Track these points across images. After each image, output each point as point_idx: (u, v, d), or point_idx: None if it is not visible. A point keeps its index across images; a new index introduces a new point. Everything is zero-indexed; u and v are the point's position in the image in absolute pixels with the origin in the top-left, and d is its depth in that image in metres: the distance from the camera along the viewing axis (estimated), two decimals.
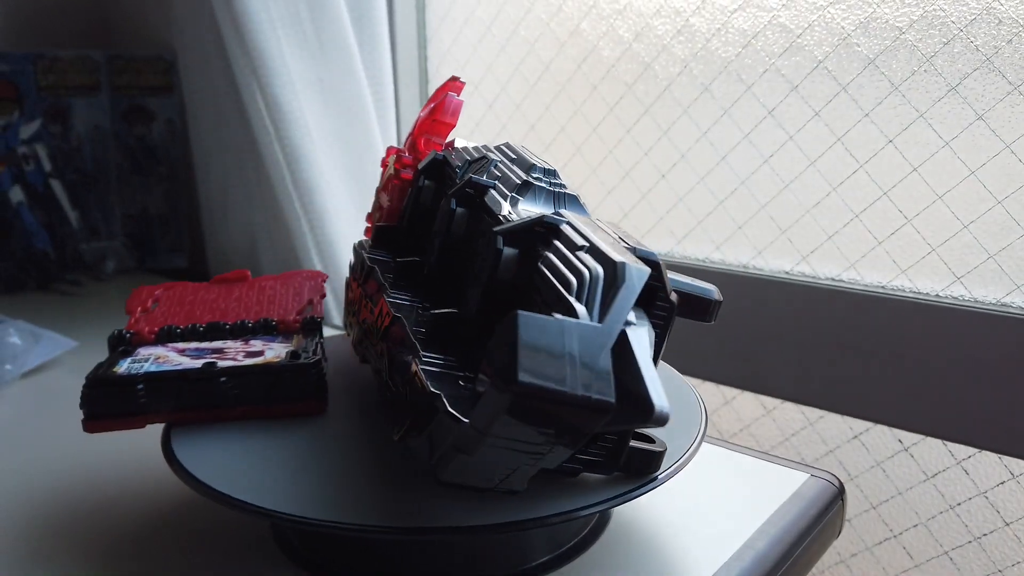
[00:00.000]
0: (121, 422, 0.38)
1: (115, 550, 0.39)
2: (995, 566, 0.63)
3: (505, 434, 0.25)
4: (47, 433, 0.52)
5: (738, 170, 0.69)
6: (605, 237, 0.31)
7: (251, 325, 0.45)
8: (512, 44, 0.82)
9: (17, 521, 0.41)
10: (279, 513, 0.32)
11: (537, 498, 0.33)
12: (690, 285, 0.34)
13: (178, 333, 0.44)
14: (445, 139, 0.49)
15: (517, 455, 0.27)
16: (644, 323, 0.30)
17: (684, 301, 0.34)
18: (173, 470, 0.35)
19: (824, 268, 0.66)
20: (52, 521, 0.41)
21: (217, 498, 0.33)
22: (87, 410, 0.37)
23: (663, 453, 0.34)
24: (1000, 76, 0.55)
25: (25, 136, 0.88)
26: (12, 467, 0.47)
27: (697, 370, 0.71)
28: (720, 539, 0.39)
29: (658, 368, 0.46)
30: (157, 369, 0.38)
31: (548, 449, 0.26)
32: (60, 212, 0.90)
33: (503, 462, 0.28)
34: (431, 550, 0.36)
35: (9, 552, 0.39)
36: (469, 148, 0.45)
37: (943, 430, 0.60)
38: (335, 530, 0.31)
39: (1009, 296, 0.58)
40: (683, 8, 0.69)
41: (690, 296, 0.34)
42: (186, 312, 0.47)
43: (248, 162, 0.80)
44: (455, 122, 0.49)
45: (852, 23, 0.61)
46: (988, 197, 0.57)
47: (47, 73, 0.88)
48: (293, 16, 0.73)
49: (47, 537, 0.40)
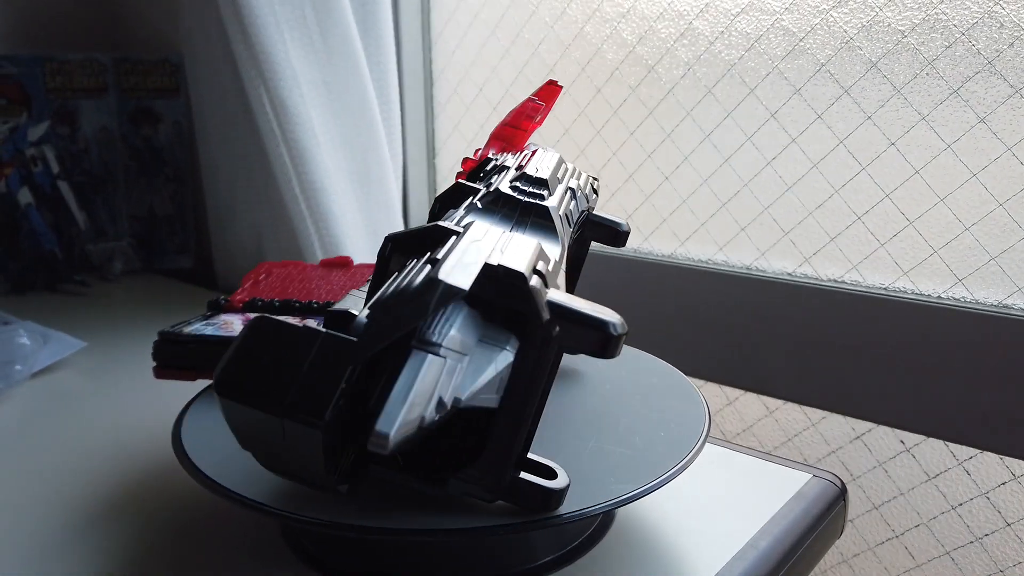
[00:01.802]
0: (179, 373, 0.43)
1: (124, 548, 0.39)
2: (996, 566, 0.63)
3: (233, 420, 0.26)
4: (57, 433, 0.52)
5: (741, 172, 0.69)
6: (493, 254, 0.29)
7: (316, 306, 0.47)
8: (516, 47, 0.82)
9: (27, 520, 0.42)
10: (288, 513, 0.32)
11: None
12: (583, 313, 0.28)
13: (259, 305, 0.47)
14: (517, 145, 0.47)
15: (269, 442, 0.26)
16: (489, 348, 0.27)
17: (570, 329, 0.28)
18: (183, 466, 0.35)
19: (826, 270, 0.66)
20: (61, 520, 0.42)
21: (227, 496, 0.33)
22: (155, 359, 0.44)
23: (562, 492, 0.31)
24: (1002, 79, 0.55)
25: (33, 138, 0.88)
26: (22, 467, 0.48)
27: (700, 371, 0.71)
28: (723, 539, 0.39)
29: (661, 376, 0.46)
30: (212, 333, 0.43)
31: (292, 446, 0.25)
32: (68, 213, 0.90)
33: (266, 448, 0.27)
34: (437, 550, 0.36)
35: (19, 550, 0.39)
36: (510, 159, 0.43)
37: (945, 431, 0.60)
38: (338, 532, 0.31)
39: (1011, 298, 0.58)
40: (687, 11, 0.70)
41: (578, 324, 0.28)
42: (283, 288, 0.50)
43: (254, 163, 0.81)
44: (519, 123, 0.47)
45: (854, 26, 0.61)
46: (990, 199, 0.58)
47: (55, 75, 0.89)
48: (299, 19, 0.73)
49: (56, 536, 0.40)
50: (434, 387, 0.25)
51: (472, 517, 0.32)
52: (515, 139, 0.47)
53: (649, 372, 0.46)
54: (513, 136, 0.47)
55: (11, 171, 0.87)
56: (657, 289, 0.73)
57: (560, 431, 0.39)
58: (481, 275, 0.28)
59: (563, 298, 0.29)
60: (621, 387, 0.44)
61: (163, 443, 0.50)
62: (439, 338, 0.25)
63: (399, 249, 0.32)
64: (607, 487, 0.34)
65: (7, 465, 0.48)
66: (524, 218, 0.35)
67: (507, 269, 0.28)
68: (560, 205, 0.37)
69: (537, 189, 0.37)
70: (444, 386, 0.25)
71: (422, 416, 0.24)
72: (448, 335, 0.26)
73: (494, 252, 0.29)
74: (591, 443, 0.38)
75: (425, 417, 0.24)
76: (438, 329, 0.26)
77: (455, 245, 0.29)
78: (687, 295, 0.72)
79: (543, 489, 0.30)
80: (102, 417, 0.54)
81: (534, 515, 0.31)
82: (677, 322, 0.72)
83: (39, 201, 0.88)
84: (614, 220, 0.44)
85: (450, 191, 0.37)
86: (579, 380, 0.45)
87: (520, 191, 0.36)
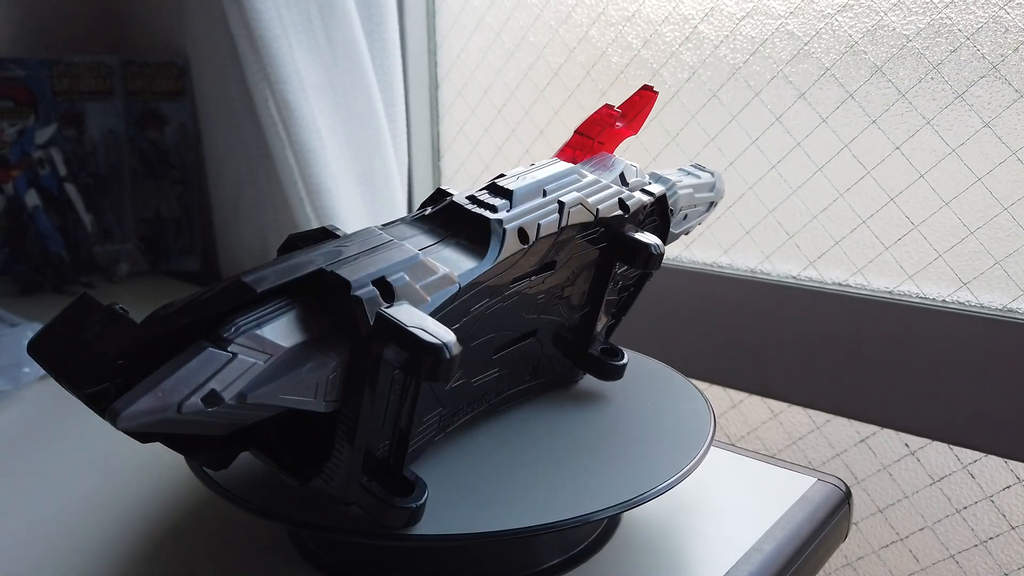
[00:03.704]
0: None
1: (131, 549, 0.39)
2: (1001, 570, 0.63)
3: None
4: (64, 435, 0.53)
5: (746, 176, 0.69)
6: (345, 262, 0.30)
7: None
8: (521, 50, 0.83)
9: (34, 522, 0.42)
10: (294, 518, 0.32)
11: (547, 503, 0.33)
12: (409, 333, 0.27)
13: None
14: (588, 154, 0.44)
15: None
16: (311, 352, 0.28)
17: (399, 349, 0.28)
18: (192, 471, 0.36)
19: (831, 273, 0.66)
20: (69, 522, 0.42)
21: (233, 500, 0.33)
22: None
23: (404, 511, 0.31)
24: (1006, 84, 0.56)
25: (40, 141, 0.89)
26: (30, 468, 0.48)
27: (705, 374, 0.71)
28: (728, 542, 0.39)
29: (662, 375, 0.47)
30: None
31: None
32: (74, 215, 0.90)
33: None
34: (445, 553, 0.37)
35: (27, 552, 0.40)
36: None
37: (949, 434, 0.60)
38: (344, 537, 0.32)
39: (1015, 302, 0.58)
40: (691, 15, 0.70)
41: (406, 344, 0.27)
42: None
43: (260, 166, 0.81)
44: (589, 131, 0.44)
45: (859, 31, 0.61)
46: (994, 203, 0.58)
47: (62, 78, 0.89)
48: (305, 22, 0.73)
49: (64, 537, 0.41)
50: (205, 378, 0.25)
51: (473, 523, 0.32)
52: (584, 147, 0.44)
53: (653, 376, 0.46)
54: (581, 144, 0.44)
55: (18, 174, 0.87)
56: (662, 292, 0.73)
57: (565, 435, 0.39)
58: (307, 280, 0.29)
59: (402, 314, 0.28)
60: (625, 391, 0.44)
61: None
62: (230, 334, 0.26)
63: (286, 248, 0.33)
64: (611, 491, 0.34)
65: (15, 466, 0.49)
66: (460, 230, 0.35)
67: (336, 276, 0.28)
68: (520, 219, 0.35)
69: (496, 200, 0.35)
70: (224, 380, 0.26)
71: (180, 403, 0.25)
72: (248, 332, 0.27)
73: (348, 260, 0.30)
74: (595, 447, 0.38)
75: (184, 405, 0.25)
76: (238, 326, 0.27)
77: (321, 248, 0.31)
78: (692, 298, 0.72)
79: (383, 504, 0.31)
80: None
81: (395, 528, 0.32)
82: (682, 325, 0.72)
83: (46, 203, 0.89)
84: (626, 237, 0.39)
85: (430, 197, 0.38)
86: (583, 384, 0.45)
87: (476, 201, 0.35)
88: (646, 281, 0.46)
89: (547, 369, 0.43)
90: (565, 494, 0.34)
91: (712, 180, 0.50)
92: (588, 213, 0.38)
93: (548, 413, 0.41)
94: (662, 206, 0.44)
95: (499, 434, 0.39)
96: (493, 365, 0.38)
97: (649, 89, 0.46)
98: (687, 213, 0.48)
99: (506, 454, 0.37)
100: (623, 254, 0.39)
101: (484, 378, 0.38)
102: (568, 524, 0.32)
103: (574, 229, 0.37)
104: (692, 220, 0.50)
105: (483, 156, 0.89)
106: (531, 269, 0.37)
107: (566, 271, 0.39)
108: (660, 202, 0.43)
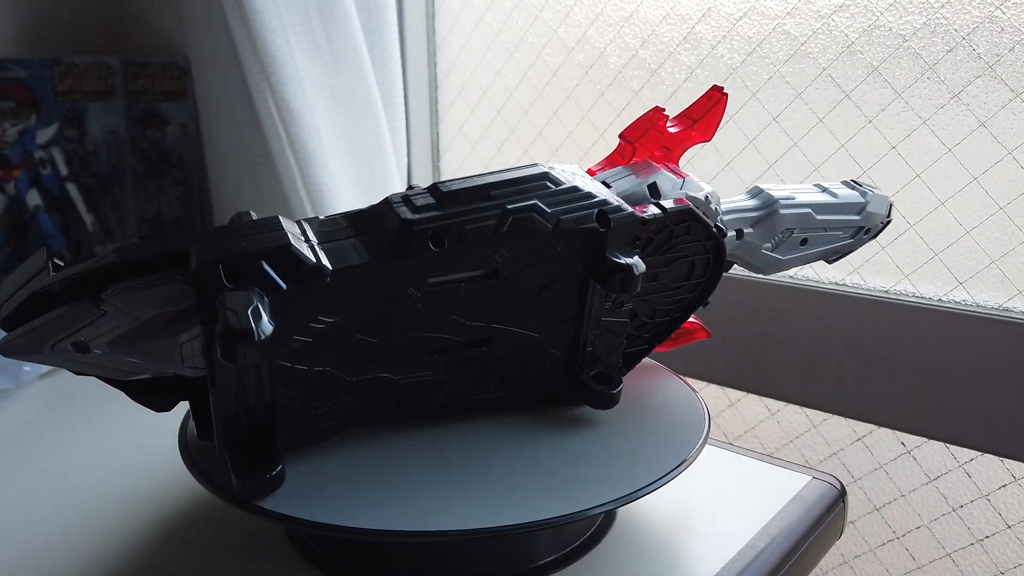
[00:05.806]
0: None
1: (130, 548, 0.40)
2: (997, 568, 0.63)
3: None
4: (65, 433, 0.53)
5: (743, 175, 0.70)
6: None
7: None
8: (520, 51, 0.83)
9: (33, 520, 0.43)
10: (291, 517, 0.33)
11: (543, 499, 0.34)
12: (225, 316, 0.29)
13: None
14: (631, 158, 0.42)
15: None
16: (160, 323, 0.32)
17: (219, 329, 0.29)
18: (189, 469, 0.36)
19: (828, 272, 0.66)
20: (69, 521, 0.42)
21: (234, 501, 0.34)
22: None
23: (252, 484, 0.33)
24: (1002, 83, 0.56)
25: (42, 141, 0.89)
26: (30, 466, 0.49)
27: (702, 373, 0.72)
28: (723, 540, 0.40)
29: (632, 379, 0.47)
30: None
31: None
32: (76, 215, 0.91)
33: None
34: (439, 550, 0.37)
35: (24, 551, 0.40)
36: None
37: (945, 433, 0.61)
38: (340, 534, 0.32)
39: (1011, 301, 0.58)
40: (689, 15, 0.70)
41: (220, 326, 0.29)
42: None
43: (260, 166, 0.81)
44: (633, 136, 0.41)
45: (856, 31, 0.61)
46: (990, 203, 0.58)
47: (63, 79, 0.89)
48: (305, 22, 0.74)
49: (64, 536, 0.41)
50: (76, 327, 0.30)
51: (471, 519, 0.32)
52: (625, 152, 0.41)
53: (648, 374, 0.47)
54: (622, 150, 0.41)
55: (20, 173, 0.88)
56: None
57: (559, 433, 0.39)
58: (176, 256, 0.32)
59: (232, 299, 0.30)
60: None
61: (170, 445, 0.50)
62: (107, 294, 0.31)
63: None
64: (607, 487, 0.34)
65: (15, 465, 0.49)
66: (376, 227, 0.34)
67: (191, 256, 0.31)
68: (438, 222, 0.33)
69: (427, 200, 0.34)
70: (93, 332, 0.31)
71: (52, 344, 0.30)
72: (121, 296, 0.31)
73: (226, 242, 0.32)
74: (590, 443, 0.38)
75: (56, 346, 0.30)
76: (118, 289, 0.31)
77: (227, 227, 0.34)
78: None
79: (233, 474, 0.33)
80: (110, 418, 0.54)
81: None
82: None
83: (48, 203, 0.89)
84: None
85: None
86: None
87: (407, 201, 0.34)
88: (694, 309, 0.41)
89: (530, 382, 0.40)
90: (560, 491, 0.34)
91: (860, 201, 0.44)
92: (543, 223, 0.34)
93: (541, 411, 0.42)
94: (697, 223, 0.38)
95: (492, 432, 0.39)
96: (426, 367, 0.37)
97: (719, 90, 0.42)
98: (806, 237, 0.42)
99: (500, 452, 0.37)
100: (599, 274, 0.36)
101: (415, 378, 0.37)
102: (564, 520, 0.33)
103: (539, 238, 0.35)
104: (822, 246, 0.43)
105: (482, 156, 0.89)
106: (464, 275, 0.35)
107: (527, 283, 0.36)
108: (684, 217, 0.38)
